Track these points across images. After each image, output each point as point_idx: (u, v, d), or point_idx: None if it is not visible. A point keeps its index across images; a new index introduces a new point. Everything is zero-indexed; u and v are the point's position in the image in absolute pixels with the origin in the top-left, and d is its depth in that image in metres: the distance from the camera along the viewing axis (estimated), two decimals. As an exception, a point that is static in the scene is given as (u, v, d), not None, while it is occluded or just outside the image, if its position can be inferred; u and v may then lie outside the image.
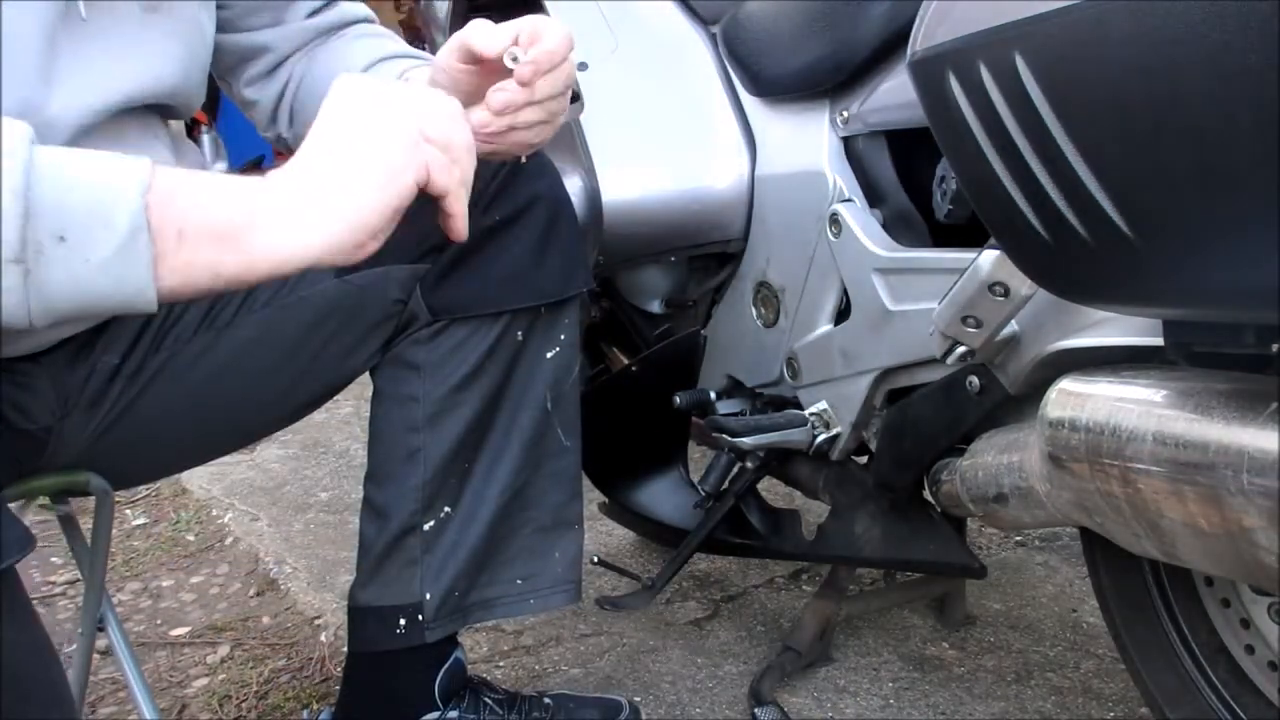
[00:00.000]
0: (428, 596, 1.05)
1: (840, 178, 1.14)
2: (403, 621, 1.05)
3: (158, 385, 0.93)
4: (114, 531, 1.74)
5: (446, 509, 1.05)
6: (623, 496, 1.47)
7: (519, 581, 1.09)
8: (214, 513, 2.02)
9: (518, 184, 1.01)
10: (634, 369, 1.39)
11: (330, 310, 0.99)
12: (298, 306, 0.98)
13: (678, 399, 1.32)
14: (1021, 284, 0.86)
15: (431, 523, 1.04)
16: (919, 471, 1.11)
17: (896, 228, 1.11)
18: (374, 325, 1.01)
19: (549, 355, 1.06)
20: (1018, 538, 1.72)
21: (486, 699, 1.12)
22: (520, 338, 1.03)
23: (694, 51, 1.33)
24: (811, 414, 1.20)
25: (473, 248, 0.99)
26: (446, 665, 1.10)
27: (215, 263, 0.63)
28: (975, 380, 0.99)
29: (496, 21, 0.80)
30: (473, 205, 0.97)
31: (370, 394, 1.06)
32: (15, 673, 0.61)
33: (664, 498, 1.45)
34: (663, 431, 1.42)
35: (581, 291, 1.06)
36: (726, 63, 1.31)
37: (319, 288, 0.99)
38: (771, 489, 1.55)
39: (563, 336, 1.06)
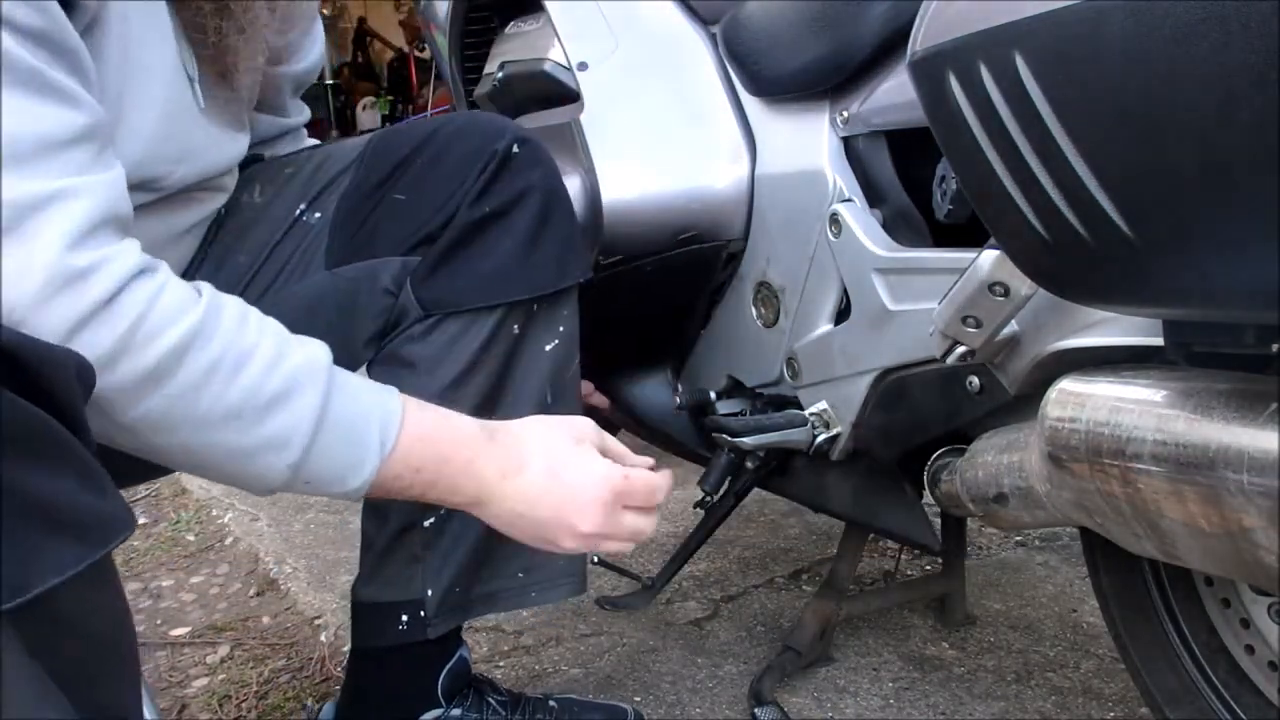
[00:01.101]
0: (429, 593, 1.05)
1: (840, 178, 1.14)
2: (404, 617, 1.05)
3: None
4: (114, 531, 1.74)
5: None
6: (609, 384, 1.46)
7: (520, 575, 1.08)
8: (214, 513, 2.03)
9: (507, 176, 1.00)
10: (648, 267, 1.32)
11: (321, 301, 0.99)
12: (290, 299, 0.99)
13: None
14: (1021, 284, 0.86)
15: (431, 519, 1.04)
16: (902, 450, 1.12)
17: (896, 228, 1.11)
18: (366, 317, 1.01)
19: (547, 348, 1.05)
20: (1018, 538, 1.72)
21: (490, 699, 1.12)
22: (516, 331, 1.03)
23: (694, 51, 1.33)
24: (811, 414, 1.20)
25: (463, 240, 0.99)
26: (450, 664, 1.09)
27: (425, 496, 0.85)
28: (975, 380, 0.99)
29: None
30: (461, 198, 0.99)
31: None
32: (131, 644, 0.70)
33: (647, 395, 1.45)
34: (661, 331, 1.41)
35: (578, 282, 1.06)
36: (726, 63, 1.31)
37: (311, 280, 1.00)
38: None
39: (561, 329, 1.05)
